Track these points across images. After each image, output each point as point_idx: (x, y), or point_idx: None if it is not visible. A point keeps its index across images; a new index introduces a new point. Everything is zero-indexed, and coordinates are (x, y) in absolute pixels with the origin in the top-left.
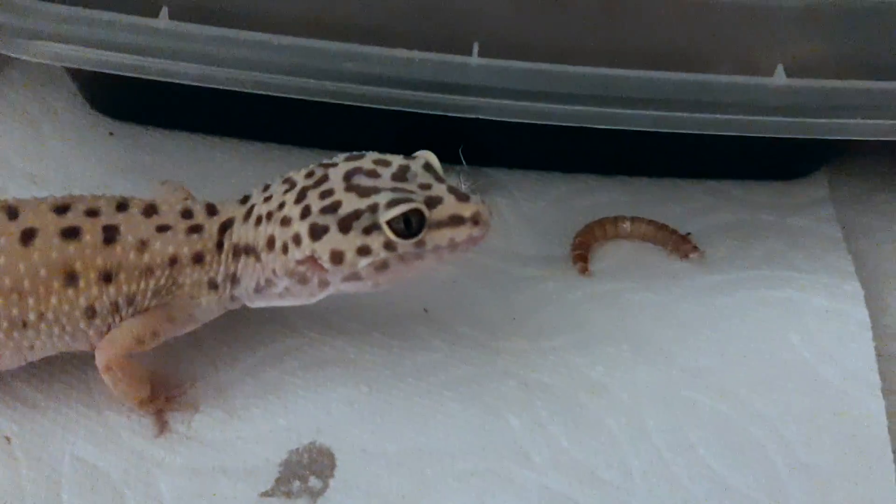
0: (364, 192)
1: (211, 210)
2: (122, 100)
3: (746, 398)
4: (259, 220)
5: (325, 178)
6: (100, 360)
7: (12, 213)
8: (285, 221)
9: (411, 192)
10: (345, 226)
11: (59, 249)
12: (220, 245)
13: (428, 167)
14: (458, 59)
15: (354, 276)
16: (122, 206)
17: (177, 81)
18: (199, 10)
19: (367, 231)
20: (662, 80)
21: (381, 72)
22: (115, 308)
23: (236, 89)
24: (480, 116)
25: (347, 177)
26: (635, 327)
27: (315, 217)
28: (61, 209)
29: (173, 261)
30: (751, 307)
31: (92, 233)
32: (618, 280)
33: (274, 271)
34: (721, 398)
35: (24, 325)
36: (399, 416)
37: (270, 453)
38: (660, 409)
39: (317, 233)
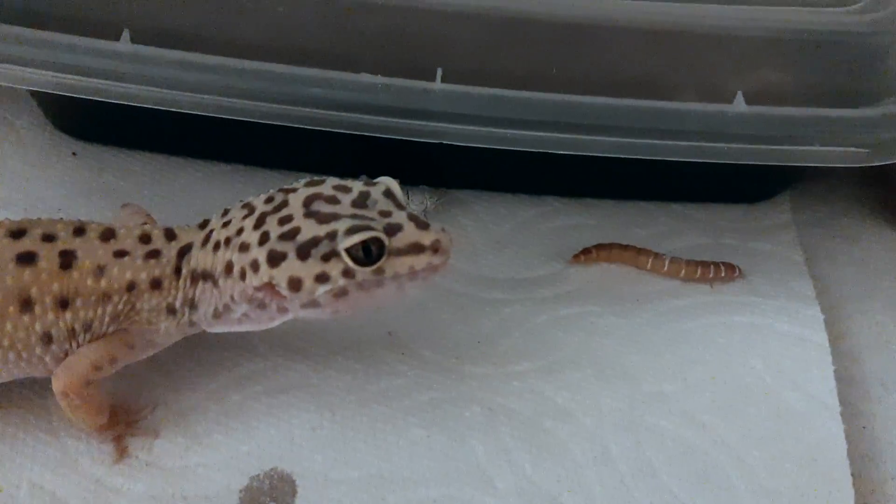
0: (323, 219)
1: (169, 235)
2: (86, 120)
3: (709, 423)
4: (217, 246)
5: (284, 204)
6: (56, 386)
7: None
8: (243, 247)
9: (371, 219)
10: (303, 253)
11: (15, 275)
12: (178, 270)
13: (388, 193)
14: (422, 84)
15: (313, 304)
16: (79, 230)
17: (138, 105)
18: (161, 34)
19: (326, 258)
20: (624, 107)
21: (346, 97)
22: (72, 334)
23: (198, 113)
24: (444, 141)
25: (307, 203)
26: (600, 352)
27: (273, 243)
28: (17, 234)
29: (131, 286)
30: (714, 332)
31: (48, 258)
32: (584, 303)
33: (232, 297)
34: (684, 424)
35: None
36: (362, 442)
37: (231, 480)
38: (623, 434)
39: (275, 259)
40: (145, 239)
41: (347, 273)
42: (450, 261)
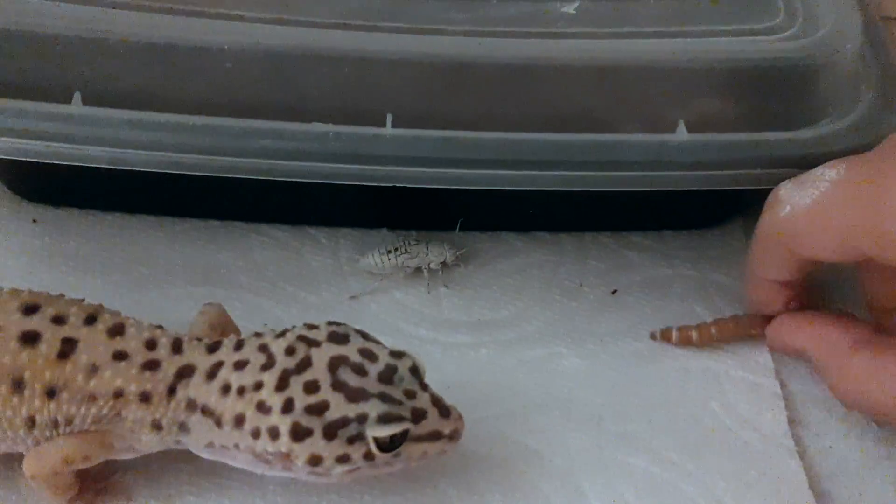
0: (352, 397)
1: (176, 347)
2: (43, 184)
3: (677, 460)
4: (226, 390)
5: (307, 363)
6: (26, 469)
7: None
8: (263, 408)
9: (398, 402)
10: (330, 433)
11: (13, 354)
12: (172, 390)
13: (414, 370)
14: (373, 130)
15: (321, 475)
16: (91, 318)
17: (92, 166)
18: (112, 95)
19: (351, 441)
20: (569, 141)
21: (297, 147)
22: (55, 424)
23: (151, 170)
24: (397, 184)
25: (332, 367)
26: (566, 394)
27: (299, 415)
28: (30, 309)
29: (118, 394)
30: (672, 376)
31: (50, 343)
32: (549, 343)
33: (237, 446)
34: (652, 461)
35: None
36: (336, 494)
37: None
38: (594, 472)
39: (299, 435)
40: (150, 345)
41: (368, 456)
42: (414, 306)
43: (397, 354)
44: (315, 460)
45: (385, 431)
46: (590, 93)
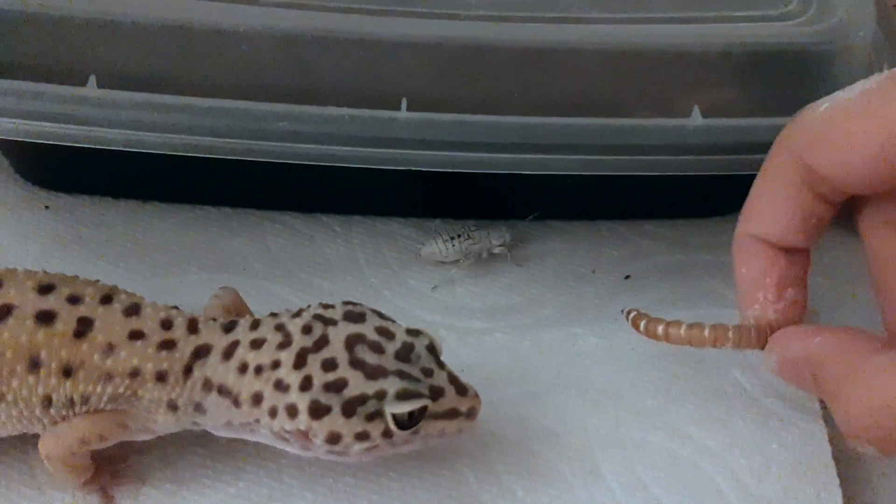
0: (371, 374)
1: (192, 327)
2: (57, 170)
3: (695, 435)
4: (244, 368)
5: (325, 341)
6: (42, 449)
7: None
8: (281, 386)
9: (416, 379)
10: (349, 410)
11: (30, 333)
12: (188, 370)
13: (431, 348)
14: (388, 114)
15: (340, 454)
16: (107, 298)
17: (107, 148)
18: (127, 77)
19: (370, 418)
20: (585, 125)
21: (313, 129)
22: (71, 403)
23: (166, 153)
24: (411, 168)
25: (350, 345)
26: (583, 373)
27: (317, 393)
28: (45, 289)
29: (135, 373)
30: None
31: (66, 322)
32: (564, 326)
33: (256, 422)
34: (670, 437)
35: None
36: (352, 477)
37: None
38: (611, 451)
39: (318, 412)
40: (166, 324)
41: (386, 434)
42: (428, 292)
43: (414, 332)
44: (334, 438)
45: (404, 408)
46: (604, 77)
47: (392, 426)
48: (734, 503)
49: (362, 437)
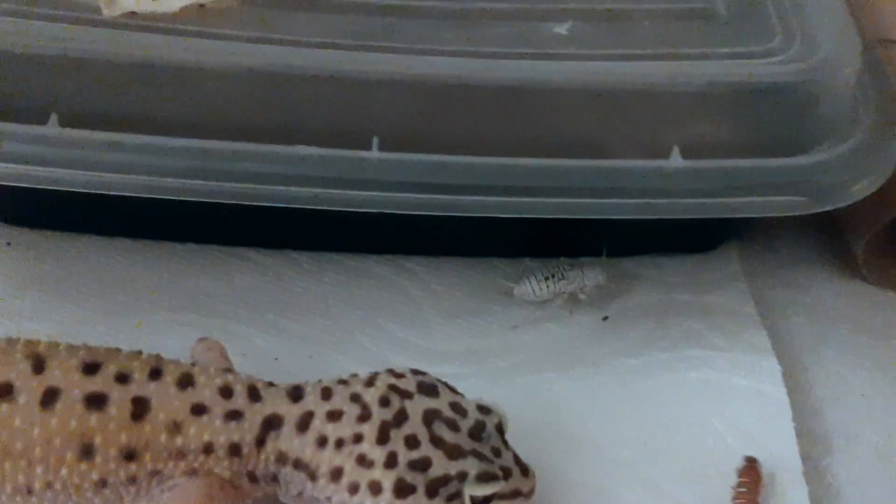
0: (451, 454)
1: (253, 394)
2: (18, 205)
3: (672, 491)
4: (323, 442)
5: (403, 416)
6: None
7: (38, 364)
8: (364, 461)
9: (490, 460)
10: (433, 490)
11: (81, 419)
12: (260, 442)
13: (499, 427)
14: (358, 154)
15: None
16: (155, 372)
17: (69, 189)
18: (89, 116)
19: (450, 499)
20: (561, 167)
21: (280, 170)
22: (132, 481)
23: (130, 195)
24: (384, 210)
25: (427, 420)
26: (560, 420)
27: (403, 471)
28: (91, 368)
29: (208, 449)
30: (672, 391)
31: (119, 405)
32: (540, 370)
33: (329, 499)
34: (645, 491)
35: (29, 492)
36: None
37: None
38: None
39: (403, 491)
40: (226, 393)
41: None
42: (400, 335)
43: (485, 410)
44: None
45: (484, 490)
46: (582, 116)
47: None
48: None
49: None
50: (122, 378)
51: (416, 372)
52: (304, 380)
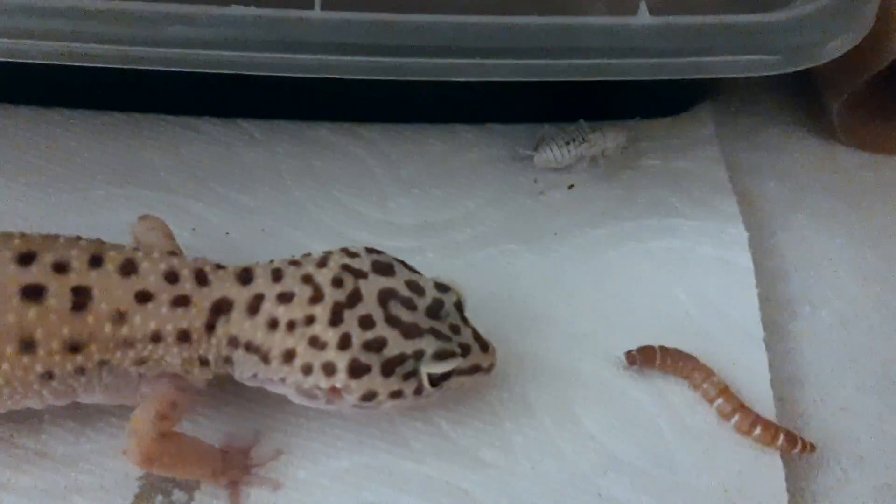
0: (407, 332)
1: (200, 278)
2: None
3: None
4: (274, 324)
5: (358, 296)
6: (134, 459)
7: None
8: (317, 343)
9: (448, 338)
10: (388, 369)
11: (18, 313)
12: (210, 327)
13: (458, 305)
14: (299, 13)
15: (367, 409)
16: (96, 259)
17: None
18: None
19: (406, 377)
20: (520, 25)
21: (213, 34)
22: (80, 371)
23: (51, 62)
24: (326, 75)
25: (383, 301)
26: (520, 294)
27: (357, 352)
28: (25, 258)
29: (156, 337)
30: (636, 261)
31: (58, 296)
32: (500, 242)
33: (283, 379)
34: (604, 364)
35: None
36: (269, 417)
37: (129, 467)
38: (544, 381)
39: (358, 371)
40: (172, 278)
41: (418, 391)
42: (356, 208)
43: (443, 288)
44: (369, 396)
45: (440, 368)
46: None
47: (425, 384)
48: (668, 436)
49: (396, 395)
50: (60, 267)
51: (371, 251)
52: (256, 257)
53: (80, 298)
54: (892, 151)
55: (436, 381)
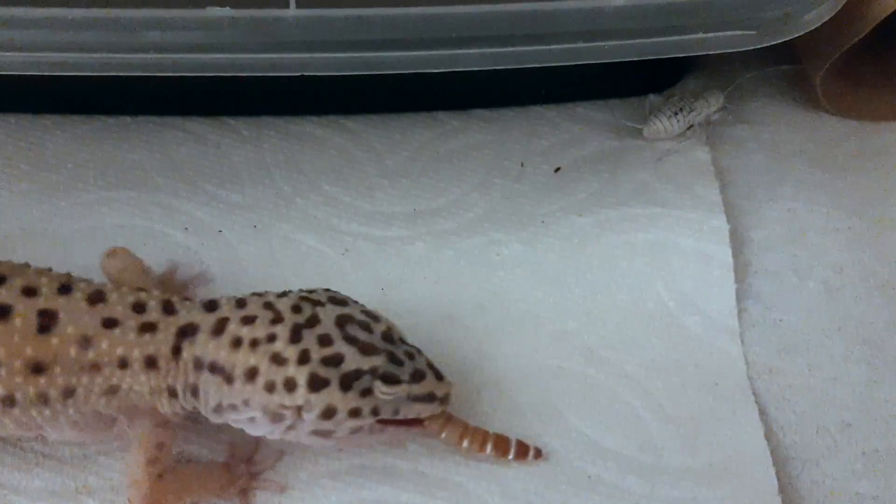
0: (364, 350)
1: (168, 308)
2: None
3: (612, 359)
4: (237, 343)
5: (316, 319)
6: (136, 499)
7: None
8: (278, 359)
9: (401, 362)
10: (346, 383)
11: None
12: (176, 350)
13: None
14: (273, 13)
15: (324, 434)
16: (65, 288)
17: None
18: None
19: (363, 394)
20: (493, 13)
21: (189, 38)
22: (44, 399)
23: (31, 73)
24: (305, 73)
25: (340, 323)
26: (505, 289)
27: (316, 366)
28: None
29: (123, 363)
30: (618, 254)
31: (24, 317)
32: (488, 231)
33: (246, 402)
34: (587, 362)
35: None
36: None
37: None
38: (528, 381)
39: (317, 385)
40: (139, 308)
41: (375, 411)
42: (345, 200)
43: (385, 319)
44: (329, 412)
45: (390, 390)
46: None
47: (382, 398)
48: (651, 427)
49: (355, 413)
50: (29, 291)
51: (328, 290)
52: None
53: (46, 321)
54: (877, 118)
55: (389, 402)
